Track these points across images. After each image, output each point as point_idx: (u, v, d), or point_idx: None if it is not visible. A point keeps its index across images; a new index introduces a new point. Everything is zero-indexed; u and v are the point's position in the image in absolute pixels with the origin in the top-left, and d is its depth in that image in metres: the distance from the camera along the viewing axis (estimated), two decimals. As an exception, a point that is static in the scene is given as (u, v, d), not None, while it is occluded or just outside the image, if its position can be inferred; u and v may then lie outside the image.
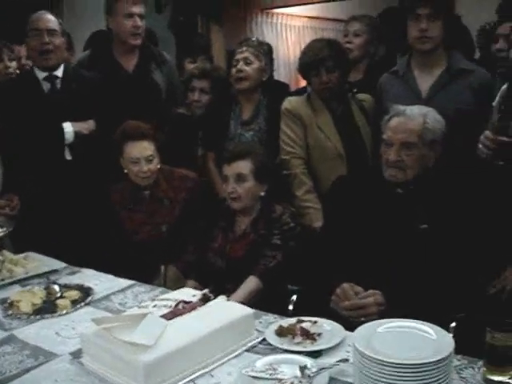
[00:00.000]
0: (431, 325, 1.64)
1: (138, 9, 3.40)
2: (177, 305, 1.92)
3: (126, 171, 3.02)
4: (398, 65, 3.04)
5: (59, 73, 3.26)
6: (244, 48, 3.40)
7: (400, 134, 2.36)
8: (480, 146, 2.45)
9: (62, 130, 3.16)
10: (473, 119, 2.75)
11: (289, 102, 3.19)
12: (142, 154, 2.96)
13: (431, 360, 1.44)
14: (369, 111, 3.19)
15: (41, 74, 3.23)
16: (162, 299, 2.01)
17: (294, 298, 2.46)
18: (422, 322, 1.66)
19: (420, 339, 1.58)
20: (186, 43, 4.99)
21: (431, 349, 1.51)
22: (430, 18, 2.80)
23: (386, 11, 4.34)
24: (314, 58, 3.07)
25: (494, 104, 2.66)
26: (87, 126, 3.25)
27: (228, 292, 2.56)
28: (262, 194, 2.81)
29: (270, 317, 2.06)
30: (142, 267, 2.81)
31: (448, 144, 2.46)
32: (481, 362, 1.64)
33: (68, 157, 3.22)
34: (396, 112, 2.43)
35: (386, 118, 2.46)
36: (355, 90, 3.36)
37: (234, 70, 3.35)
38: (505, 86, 2.61)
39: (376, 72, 3.32)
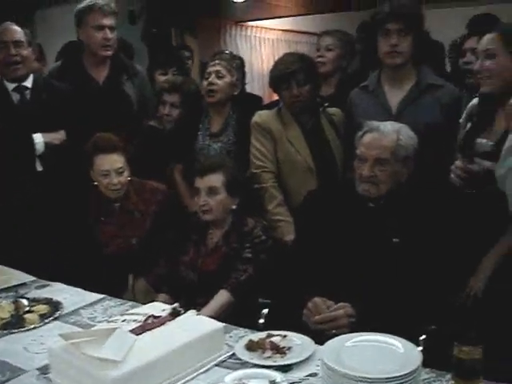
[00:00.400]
0: (399, 338, 1.66)
1: (108, 21, 3.39)
2: (146, 319, 1.91)
3: (95, 183, 3.00)
4: (369, 80, 3.05)
5: (28, 83, 3.24)
6: (217, 61, 3.40)
7: (374, 150, 2.39)
8: (452, 175, 2.49)
9: (32, 140, 3.12)
10: (442, 134, 2.79)
11: (259, 116, 3.19)
12: (112, 166, 2.95)
13: (398, 374, 1.46)
14: (338, 125, 3.21)
15: (10, 86, 3.21)
16: (132, 314, 1.99)
17: (265, 311, 2.45)
18: (390, 335, 1.67)
19: (388, 353, 1.59)
20: (158, 55, 4.99)
21: (399, 362, 1.53)
22: (401, 33, 2.82)
23: (362, 25, 4.39)
24: (284, 72, 3.07)
25: (460, 121, 2.71)
26: (58, 136, 3.22)
27: (199, 305, 2.55)
28: (234, 207, 2.81)
29: (241, 331, 2.05)
30: (112, 280, 2.80)
31: (420, 159, 2.49)
32: (449, 376, 1.65)
33: (39, 168, 3.18)
34: (369, 128, 2.46)
35: (360, 134, 2.48)
36: (326, 104, 3.39)
37: (205, 83, 3.34)
38: (472, 103, 2.66)
39: (348, 86, 3.33)
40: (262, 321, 2.42)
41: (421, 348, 2.02)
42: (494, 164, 2.41)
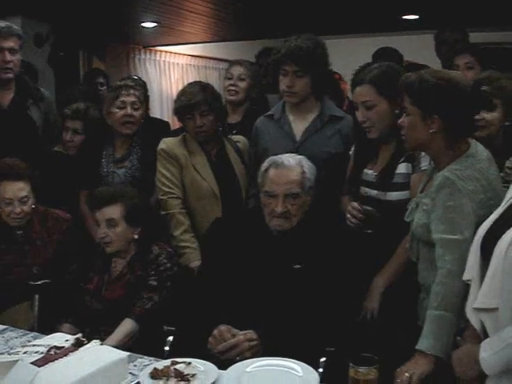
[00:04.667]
0: (298, 362, 1.72)
1: (8, 43, 3.30)
2: (49, 350, 1.88)
3: (-3, 210, 2.93)
4: (274, 109, 3.13)
5: None
6: (131, 91, 3.31)
7: (283, 186, 2.46)
8: (348, 215, 2.60)
9: None
10: (342, 162, 2.89)
11: (164, 143, 3.19)
12: (15, 195, 2.88)
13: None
14: (243, 152, 3.27)
15: None
16: (34, 345, 1.96)
17: (170, 338, 2.46)
18: (289, 359, 1.73)
19: (287, 377, 1.65)
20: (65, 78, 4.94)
21: (297, 385, 1.59)
22: (297, 73, 2.90)
23: (262, 52, 4.50)
24: (188, 103, 3.10)
25: (350, 152, 2.84)
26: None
27: (105, 334, 2.53)
28: (136, 236, 2.79)
29: (146, 359, 2.07)
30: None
31: (321, 186, 2.59)
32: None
33: None
34: (273, 162, 2.52)
35: (263, 169, 2.54)
36: (235, 132, 3.45)
37: (120, 113, 3.26)
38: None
39: (253, 114, 3.40)
40: (167, 348, 2.43)
41: (321, 370, 2.11)
42: (379, 193, 2.56)
